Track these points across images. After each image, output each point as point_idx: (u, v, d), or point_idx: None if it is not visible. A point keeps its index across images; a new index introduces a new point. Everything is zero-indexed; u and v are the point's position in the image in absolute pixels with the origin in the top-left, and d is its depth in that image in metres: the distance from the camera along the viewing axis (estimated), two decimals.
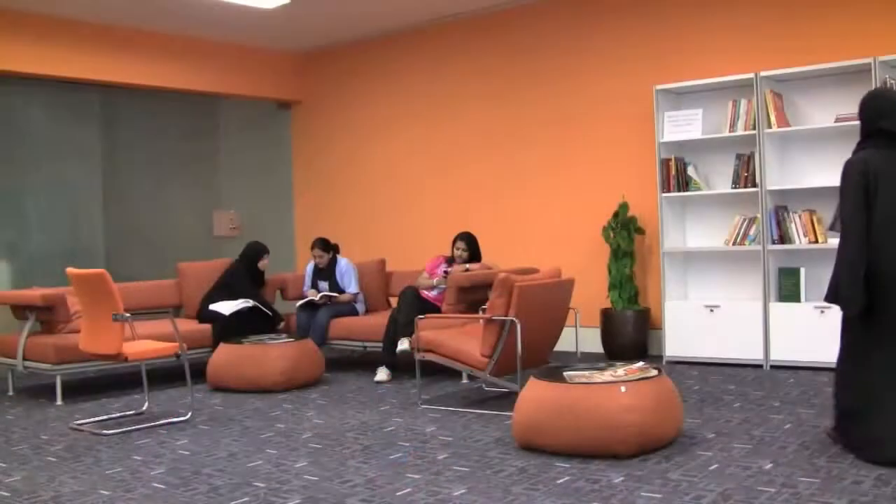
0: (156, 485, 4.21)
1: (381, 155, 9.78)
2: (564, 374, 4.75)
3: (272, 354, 6.73)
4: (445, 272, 7.50)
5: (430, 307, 7.23)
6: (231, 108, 10.42)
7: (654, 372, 4.68)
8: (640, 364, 4.88)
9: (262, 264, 7.98)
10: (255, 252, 7.99)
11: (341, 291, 7.92)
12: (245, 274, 7.87)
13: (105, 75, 8.66)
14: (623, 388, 4.41)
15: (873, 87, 6.32)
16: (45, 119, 8.94)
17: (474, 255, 7.59)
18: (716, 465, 4.16)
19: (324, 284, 7.97)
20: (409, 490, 3.97)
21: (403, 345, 6.79)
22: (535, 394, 4.63)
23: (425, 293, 7.43)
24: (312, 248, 8.04)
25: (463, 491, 3.93)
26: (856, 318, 4.16)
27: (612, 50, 8.04)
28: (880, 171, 4.08)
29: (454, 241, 7.61)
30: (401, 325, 6.92)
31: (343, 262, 8.06)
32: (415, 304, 7.05)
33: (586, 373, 4.73)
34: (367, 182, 9.90)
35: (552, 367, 5.22)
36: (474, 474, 4.20)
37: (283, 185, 10.70)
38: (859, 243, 4.08)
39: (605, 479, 4.02)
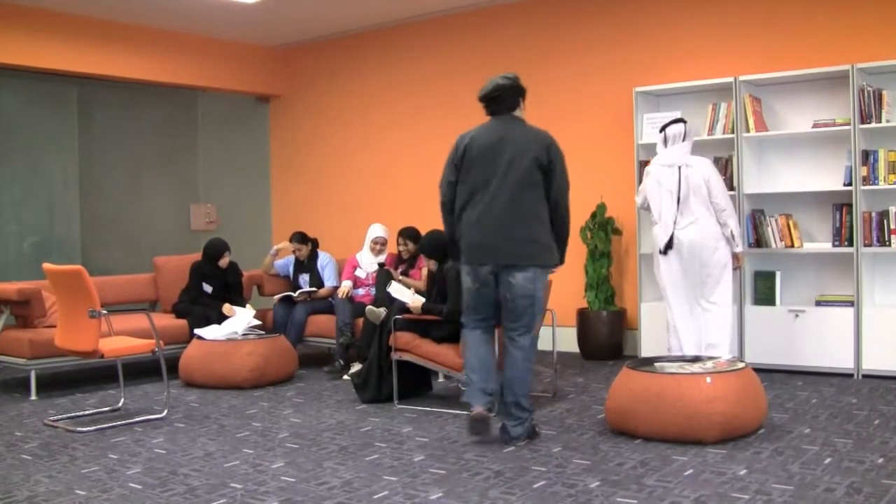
0: (132, 485, 4.19)
1: (360, 149, 9.76)
2: (655, 364, 5.16)
3: (242, 351, 6.70)
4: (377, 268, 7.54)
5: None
6: (209, 102, 10.35)
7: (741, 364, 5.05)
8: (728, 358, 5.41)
9: (222, 262, 7.64)
10: (213, 251, 7.65)
11: (321, 285, 7.92)
12: (204, 276, 7.62)
13: (83, 67, 8.58)
14: (708, 380, 4.72)
15: (851, 93, 6.40)
16: (21, 110, 8.84)
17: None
18: (690, 471, 4.19)
19: (304, 277, 7.97)
20: (385, 493, 3.98)
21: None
22: (626, 381, 4.99)
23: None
24: (290, 241, 8.01)
25: (440, 495, 3.94)
26: None
27: (592, 51, 8.06)
28: None
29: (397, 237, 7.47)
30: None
31: (324, 256, 8.06)
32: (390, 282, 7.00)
33: (675, 365, 5.12)
34: (345, 176, 9.87)
35: (644, 358, 5.81)
36: (451, 477, 4.21)
37: (261, 178, 10.66)
38: None
39: (581, 483, 4.05)
